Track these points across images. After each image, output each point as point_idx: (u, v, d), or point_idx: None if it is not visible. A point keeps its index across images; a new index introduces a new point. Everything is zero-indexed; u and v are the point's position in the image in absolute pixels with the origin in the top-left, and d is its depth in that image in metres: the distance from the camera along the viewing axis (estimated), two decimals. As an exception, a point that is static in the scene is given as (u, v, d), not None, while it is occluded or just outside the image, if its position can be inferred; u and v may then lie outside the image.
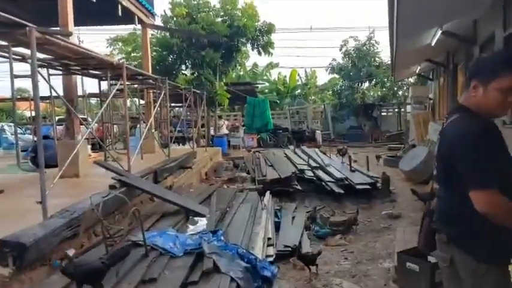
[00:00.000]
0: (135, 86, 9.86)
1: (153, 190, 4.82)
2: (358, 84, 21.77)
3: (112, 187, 4.41)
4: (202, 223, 4.24)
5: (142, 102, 11.55)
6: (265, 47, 14.94)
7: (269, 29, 14.80)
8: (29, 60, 4.56)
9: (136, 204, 3.75)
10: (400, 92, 22.45)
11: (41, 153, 3.49)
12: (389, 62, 18.46)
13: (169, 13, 14.23)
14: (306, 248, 4.44)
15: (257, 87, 20.44)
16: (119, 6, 8.05)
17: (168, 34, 14.22)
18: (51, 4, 6.02)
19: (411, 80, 20.14)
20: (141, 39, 12.35)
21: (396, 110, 21.00)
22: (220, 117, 18.67)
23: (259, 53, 15.19)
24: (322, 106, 23.20)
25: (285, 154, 10.47)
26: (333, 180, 7.40)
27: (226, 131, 16.66)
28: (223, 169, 11.06)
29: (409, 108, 15.61)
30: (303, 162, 8.96)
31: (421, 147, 9.51)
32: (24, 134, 16.15)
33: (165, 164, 6.83)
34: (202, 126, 15.16)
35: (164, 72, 13.03)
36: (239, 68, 18.60)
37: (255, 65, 25.08)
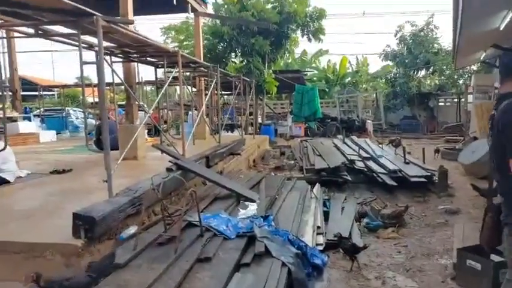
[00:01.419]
0: (188, 73, 10.16)
1: (206, 174, 4.99)
2: (414, 72, 20.59)
3: (169, 170, 4.63)
4: (252, 208, 4.33)
5: (193, 89, 11.89)
6: (316, 34, 14.63)
7: (320, 14, 14.44)
8: (95, 48, 4.89)
9: (190, 187, 3.91)
10: (461, 81, 20.87)
11: (106, 136, 3.75)
12: (449, 48, 17.26)
13: (220, 1, 14.41)
14: (356, 239, 4.36)
15: (306, 74, 20.14)
16: (174, -5, 8.31)
17: (219, 22, 14.41)
18: None
19: (474, 67, 18.62)
20: (193, 28, 12.66)
21: (455, 100, 19.64)
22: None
23: (309, 40, 14.91)
24: (374, 95, 22.30)
25: (334, 144, 10.27)
26: (385, 171, 7.15)
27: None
28: (271, 157, 11.16)
29: (470, 98, 14.53)
30: (353, 152, 8.74)
31: (483, 140, 8.83)
32: (88, 118, 17.41)
33: (216, 149, 7.02)
34: (250, 114, 15.31)
35: (215, 60, 13.29)
36: (288, 55, 18.41)
37: (304, 52, 24.66)
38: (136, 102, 6.85)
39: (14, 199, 4.20)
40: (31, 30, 3.90)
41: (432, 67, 20.17)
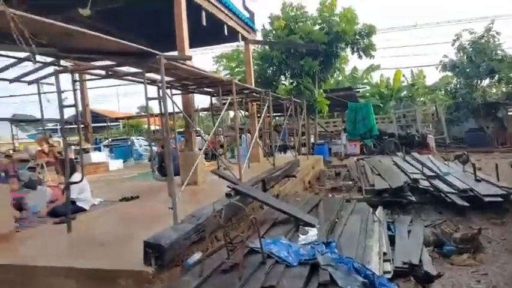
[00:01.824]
0: (240, 99, 10.48)
1: (264, 199, 5.03)
2: (477, 82, 19.19)
3: (228, 195, 4.74)
4: (312, 233, 4.25)
5: (246, 113, 12.18)
6: (366, 50, 14.41)
7: (370, 31, 14.25)
8: (158, 83, 5.27)
9: (250, 214, 3.96)
10: (533, 88, 19.02)
11: (170, 167, 3.96)
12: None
13: (268, 27, 14.84)
14: (427, 266, 4.06)
15: (358, 91, 19.73)
16: (225, 27, 8.73)
17: (267, 47, 14.79)
18: (164, 31, 6.83)
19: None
20: (243, 55, 13.13)
21: (528, 108, 17.88)
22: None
23: (360, 57, 14.71)
24: (434, 107, 21.07)
25: (394, 162, 9.82)
26: (454, 191, 6.63)
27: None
28: (326, 177, 10.93)
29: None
30: (416, 170, 8.27)
31: None
32: (149, 145, 18.57)
33: (271, 172, 7.05)
34: (303, 134, 15.25)
35: (265, 83, 13.60)
36: (338, 73, 18.25)
37: (355, 69, 24.29)
38: (195, 129, 7.19)
39: (91, 227, 4.54)
40: (102, 72, 4.32)
41: (497, 75, 18.67)
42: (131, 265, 2.98)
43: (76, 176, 4.76)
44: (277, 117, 17.13)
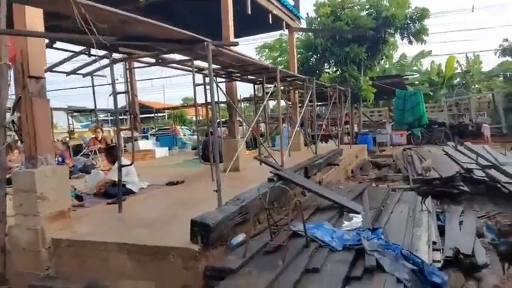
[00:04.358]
0: (282, 87, 10.41)
1: (306, 184, 4.99)
2: (542, 66, 17.54)
3: (270, 180, 4.76)
4: (357, 220, 4.16)
5: (288, 102, 12.10)
6: (417, 35, 13.63)
7: (422, 14, 13.44)
8: (203, 71, 5.38)
9: (294, 196, 3.94)
10: None
11: (216, 150, 4.06)
12: None
13: (313, 14, 14.53)
14: (480, 258, 3.82)
15: (407, 79, 18.80)
16: (270, 15, 8.68)
17: (311, 35, 14.50)
18: (209, 22, 6.93)
19: None
20: (286, 44, 13.00)
21: None
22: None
23: (410, 42, 13.95)
24: (490, 95, 19.59)
25: (444, 151, 9.28)
26: (512, 181, 6.15)
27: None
28: (370, 167, 10.62)
29: None
30: (469, 160, 7.76)
31: None
32: (193, 135, 19.16)
33: (313, 160, 6.98)
34: (346, 123, 14.88)
35: (308, 72, 13.37)
36: (385, 60, 17.46)
37: (403, 55, 23.14)
38: (238, 119, 7.28)
39: (140, 208, 4.79)
40: (152, 60, 4.49)
41: None
42: (179, 242, 3.10)
43: (123, 161, 5.00)
44: (318, 107, 16.81)
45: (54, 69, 7.85)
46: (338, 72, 14.33)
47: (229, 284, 2.70)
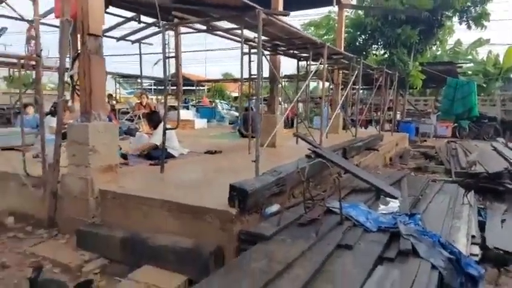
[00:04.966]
0: (327, 66, 10.15)
1: (344, 164, 4.94)
2: None
3: (308, 157, 4.76)
4: (394, 205, 4.08)
5: (330, 84, 11.83)
6: (478, 20, 12.62)
7: (486, -3, 12.41)
8: (249, 43, 5.35)
9: (333, 173, 3.93)
10: None
11: (256, 122, 4.10)
12: None
13: (365, -9, 13.86)
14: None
15: (460, 67, 17.60)
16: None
17: (362, 13, 13.89)
18: None
19: None
20: (333, 22, 12.54)
21: None
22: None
23: (469, 27, 12.98)
24: (552, 92, 18.00)
25: (493, 147, 8.77)
26: None
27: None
28: (410, 156, 10.27)
29: None
30: (521, 158, 7.30)
31: None
32: (230, 109, 19.37)
33: (353, 142, 6.86)
34: (389, 109, 14.36)
35: (354, 52, 12.83)
36: (438, 46, 16.41)
37: (458, 42, 21.57)
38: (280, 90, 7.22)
39: (180, 171, 5.00)
40: (202, 27, 4.53)
41: None
42: (217, 205, 3.22)
43: (162, 126, 5.18)
44: (360, 91, 16.27)
45: (106, 34, 8.16)
46: (386, 55, 13.71)
47: (262, 249, 2.79)
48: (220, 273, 2.49)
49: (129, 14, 7.67)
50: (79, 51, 3.60)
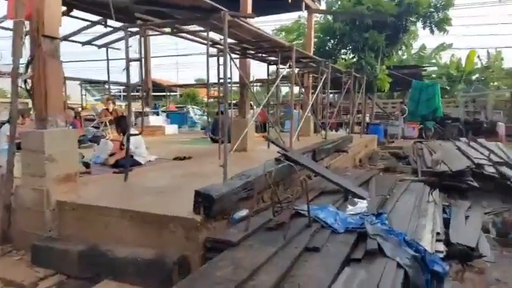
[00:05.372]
0: (296, 70, 10.24)
1: (313, 167, 4.94)
2: None
3: (277, 160, 4.72)
4: (362, 205, 4.11)
5: (300, 88, 11.94)
6: (440, 24, 13.18)
7: (447, 3, 13.01)
8: (217, 46, 5.28)
9: (300, 175, 3.91)
10: None
11: (225, 126, 4.03)
12: None
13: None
14: (485, 251, 3.78)
15: (425, 70, 18.33)
16: (289, -6, 8.46)
17: (331, 18, 14.17)
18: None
19: None
20: (304, 27, 12.70)
21: None
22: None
23: (432, 32, 13.52)
24: (509, 93, 19.06)
25: (457, 146, 9.10)
26: (524, 179, 6.02)
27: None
28: (379, 158, 10.50)
29: None
30: (481, 156, 7.60)
31: None
32: (203, 115, 19.17)
33: (322, 144, 6.91)
34: (358, 112, 14.68)
35: (324, 57, 13.03)
36: (403, 51, 17.00)
37: (423, 47, 22.50)
38: (250, 102, 7.19)
39: (145, 178, 4.82)
40: (167, 30, 4.42)
41: None
42: (181, 212, 3.10)
43: (131, 131, 5.01)
44: (330, 95, 16.56)
45: (70, 38, 7.84)
46: (355, 59, 14.03)
47: (229, 256, 2.70)
48: (183, 284, 2.38)
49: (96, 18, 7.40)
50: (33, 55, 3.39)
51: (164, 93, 23.45)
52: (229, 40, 5.40)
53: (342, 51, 14.83)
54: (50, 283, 3.08)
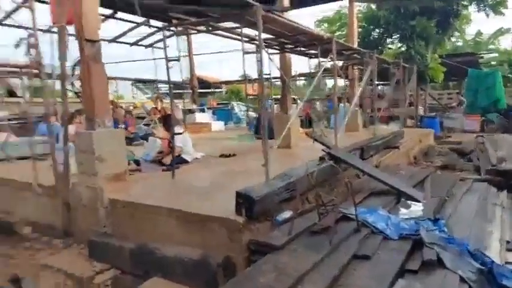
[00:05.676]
0: (340, 63, 9.80)
1: (360, 165, 4.67)
2: None
3: (321, 159, 4.52)
4: (416, 208, 3.79)
5: (345, 80, 11.46)
6: (495, 7, 11.91)
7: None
8: (255, 42, 5.15)
9: (345, 176, 3.68)
10: None
11: (265, 124, 3.91)
12: None
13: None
14: None
15: (481, 57, 16.81)
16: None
17: (374, 7, 13.44)
18: None
19: None
20: (345, 17, 12.15)
21: None
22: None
23: (487, 15, 12.28)
24: None
25: (525, 141, 8.22)
26: None
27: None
28: (436, 153, 9.78)
29: None
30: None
31: None
32: (247, 111, 19.22)
33: (371, 141, 6.54)
34: (410, 105, 13.83)
35: (369, 47, 12.40)
36: (457, 37, 15.70)
37: (479, 33, 20.66)
38: (293, 96, 6.98)
39: (191, 176, 4.86)
40: (203, 28, 4.38)
41: None
42: (224, 213, 3.05)
43: (177, 128, 5.08)
44: (379, 87, 15.75)
45: (118, 40, 8.14)
46: (403, 49, 13.17)
47: (272, 260, 2.59)
48: (226, 288, 2.31)
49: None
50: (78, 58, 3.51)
51: (210, 90, 23.89)
52: (266, 35, 5.24)
53: (388, 40, 13.97)
54: (106, 277, 3.21)
